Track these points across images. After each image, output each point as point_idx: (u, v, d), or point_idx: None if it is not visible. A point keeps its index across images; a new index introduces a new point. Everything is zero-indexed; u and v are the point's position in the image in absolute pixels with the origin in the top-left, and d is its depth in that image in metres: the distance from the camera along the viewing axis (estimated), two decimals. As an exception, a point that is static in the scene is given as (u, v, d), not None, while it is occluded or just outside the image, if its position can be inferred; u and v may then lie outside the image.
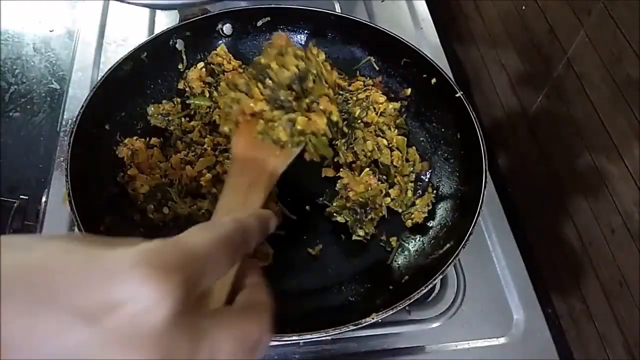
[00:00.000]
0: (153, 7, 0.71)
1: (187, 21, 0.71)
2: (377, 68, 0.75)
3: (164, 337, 0.20)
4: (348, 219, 0.63)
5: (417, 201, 0.65)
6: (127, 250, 0.21)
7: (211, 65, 0.72)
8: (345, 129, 0.67)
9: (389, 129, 0.69)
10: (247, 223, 0.28)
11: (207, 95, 0.70)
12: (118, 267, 0.20)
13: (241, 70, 0.72)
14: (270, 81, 0.47)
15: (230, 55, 0.73)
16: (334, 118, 0.49)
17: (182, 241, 0.23)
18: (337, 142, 0.67)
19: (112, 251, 0.21)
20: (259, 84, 0.47)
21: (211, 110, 0.69)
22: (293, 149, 0.49)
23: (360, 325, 0.51)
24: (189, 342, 0.21)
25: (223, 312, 0.26)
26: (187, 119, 0.69)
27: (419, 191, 0.66)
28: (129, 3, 0.66)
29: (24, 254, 0.20)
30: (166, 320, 0.20)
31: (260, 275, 0.31)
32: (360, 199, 0.62)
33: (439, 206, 0.65)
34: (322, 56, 0.51)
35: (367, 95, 0.71)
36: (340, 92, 0.70)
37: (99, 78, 0.65)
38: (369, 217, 0.62)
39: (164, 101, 0.70)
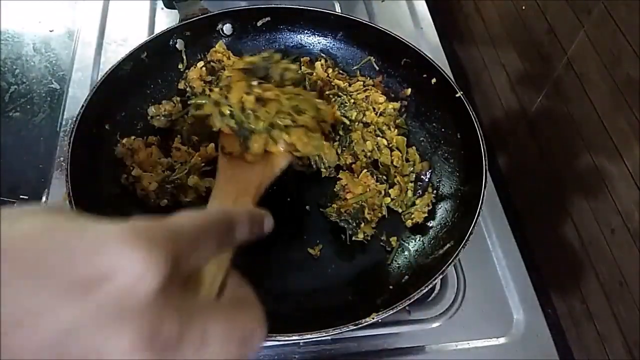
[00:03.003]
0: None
1: (187, 21, 0.71)
2: (377, 68, 0.75)
3: (152, 312, 0.20)
4: (345, 225, 0.63)
5: (417, 201, 0.65)
6: (115, 225, 0.21)
7: (211, 64, 0.71)
8: (341, 132, 0.67)
9: (389, 129, 0.69)
10: (235, 214, 0.28)
11: (208, 94, 0.70)
12: (105, 238, 0.20)
13: None
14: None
15: (229, 52, 0.73)
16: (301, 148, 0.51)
17: (170, 220, 0.23)
18: (335, 145, 0.67)
19: (99, 225, 0.21)
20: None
21: None
22: (281, 158, 0.50)
23: (360, 325, 0.51)
24: (178, 322, 0.21)
25: (215, 302, 0.26)
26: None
27: (419, 191, 0.66)
28: None
29: (11, 225, 0.20)
30: (153, 293, 0.20)
31: (241, 276, 0.31)
32: (356, 205, 0.62)
33: (439, 206, 0.65)
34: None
35: (367, 96, 0.71)
36: (340, 94, 0.70)
37: (99, 78, 0.65)
38: (364, 223, 0.62)
39: (164, 101, 0.70)
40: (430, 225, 0.64)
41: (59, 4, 0.93)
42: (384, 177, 0.66)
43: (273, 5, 0.74)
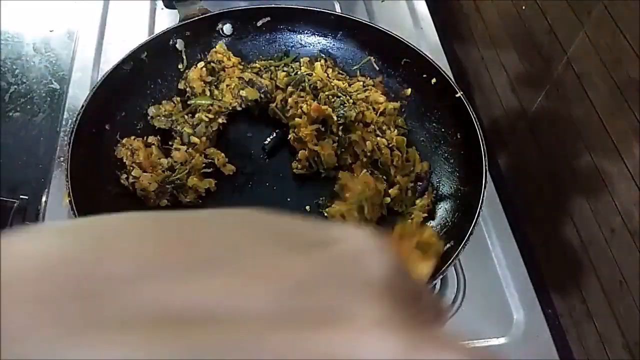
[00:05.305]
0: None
1: (187, 21, 0.71)
2: (377, 68, 0.75)
3: (392, 292, 0.18)
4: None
5: (417, 201, 0.65)
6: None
7: (211, 64, 0.72)
8: (341, 132, 0.67)
9: (389, 128, 0.69)
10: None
11: (208, 94, 0.70)
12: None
13: (241, 67, 0.72)
14: None
15: (230, 52, 0.73)
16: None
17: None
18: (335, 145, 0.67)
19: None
20: None
21: (212, 106, 0.69)
22: None
23: (360, 325, 0.50)
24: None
25: None
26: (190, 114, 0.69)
27: (419, 191, 0.66)
28: None
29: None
30: (389, 273, 0.19)
31: None
32: (356, 205, 0.62)
33: (439, 206, 0.65)
34: None
35: (367, 96, 0.71)
36: (339, 94, 0.70)
37: (99, 78, 0.65)
38: (364, 223, 0.62)
39: (164, 101, 0.70)
40: (430, 225, 0.64)
41: (59, 4, 0.93)
42: (384, 177, 0.66)
43: (273, 5, 0.74)
